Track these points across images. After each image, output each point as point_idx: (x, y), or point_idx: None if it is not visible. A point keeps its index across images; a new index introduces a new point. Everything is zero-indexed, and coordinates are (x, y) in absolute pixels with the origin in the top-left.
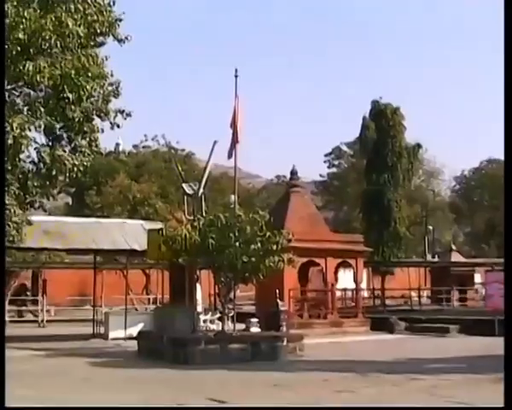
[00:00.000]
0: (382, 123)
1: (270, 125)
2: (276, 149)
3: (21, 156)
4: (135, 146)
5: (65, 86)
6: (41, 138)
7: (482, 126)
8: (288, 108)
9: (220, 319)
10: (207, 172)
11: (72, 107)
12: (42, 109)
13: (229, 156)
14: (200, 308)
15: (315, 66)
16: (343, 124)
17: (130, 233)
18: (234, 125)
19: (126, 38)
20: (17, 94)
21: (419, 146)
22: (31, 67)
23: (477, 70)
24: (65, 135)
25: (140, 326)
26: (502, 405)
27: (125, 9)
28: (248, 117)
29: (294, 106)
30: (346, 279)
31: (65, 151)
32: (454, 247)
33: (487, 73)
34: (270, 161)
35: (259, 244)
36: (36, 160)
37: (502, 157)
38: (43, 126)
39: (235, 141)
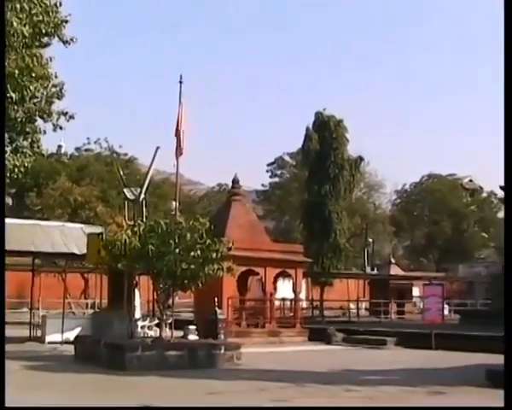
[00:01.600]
0: (325, 134)
1: (213, 133)
2: (218, 156)
3: None
4: (77, 149)
5: (8, 86)
6: None
7: (423, 141)
8: (232, 116)
9: (158, 325)
10: (149, 177)
11: (15, 107)
12: None
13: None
14: (138, 314)
15: (260, 74)
16: (286, 134)
17: (69, 236)
18: (177, 132)
19: (72, 39)
20: None
21: (361, 159)
22: None
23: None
24: (6, 135)
25: (77, 330)
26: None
27: (71, 11)
28: (192, 124)
29: (238, 114)
30: (285, 289)
31: (6, 151)
32: (393, 260)
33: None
34: (212, 168)
35: (199, 252)
36: None
37: (442, 172)
38: None
39: (178, 149)
